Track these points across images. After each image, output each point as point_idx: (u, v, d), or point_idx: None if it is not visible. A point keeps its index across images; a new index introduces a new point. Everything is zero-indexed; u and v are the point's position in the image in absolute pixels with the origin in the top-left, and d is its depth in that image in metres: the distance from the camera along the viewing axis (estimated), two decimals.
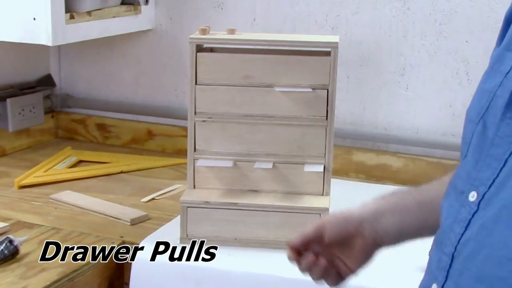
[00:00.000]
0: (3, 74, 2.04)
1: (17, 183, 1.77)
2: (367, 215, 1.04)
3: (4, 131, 2.02)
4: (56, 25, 1.70)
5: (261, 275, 1.37)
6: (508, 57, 0.81)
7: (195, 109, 1.47)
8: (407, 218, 1.03)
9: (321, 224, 1.05)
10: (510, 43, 0.83)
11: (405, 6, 1.81)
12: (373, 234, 1.04)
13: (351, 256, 1.05)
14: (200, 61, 1.45)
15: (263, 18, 1.95)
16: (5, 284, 1.27)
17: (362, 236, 1.04)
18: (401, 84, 1.85)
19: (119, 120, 2.17)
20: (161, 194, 1.75)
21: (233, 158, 1.48)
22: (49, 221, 1.57)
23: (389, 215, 1.03)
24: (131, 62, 2.14)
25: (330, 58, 1.43)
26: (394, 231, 1.03)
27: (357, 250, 1.04)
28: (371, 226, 1.03)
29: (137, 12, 2.00)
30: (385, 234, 1.04)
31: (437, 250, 0.84)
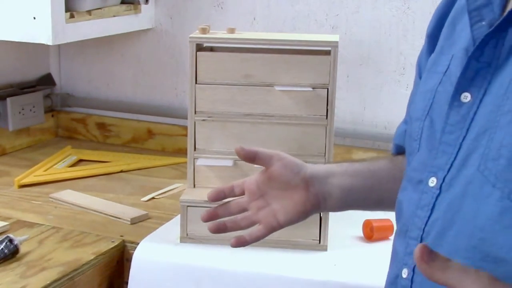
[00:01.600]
0: (3, 73, 2.04)
1: (17, 182, 1.77)
2: (319, 173, 1.08)
3: (4, 130, 2.02)
4: (56, 24, 1.70)
5: (261, 274, 1.37)
6: (443, 59, 0.90)
7: (195, 108, 1.47)
8: (356, 183, 1.08)
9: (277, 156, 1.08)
10: (442, 48, 0.93)
11: (405, 5, 1.81)
12: (318, 193, 1.07)
13: (285, 207, 1.07)
14: (200, 60, 1.45)
15: (263, 17, 1.95)
16: (5, 283, 1.27)
17: (306, 190, 1.07)
18: (401, 83, 1.85)
19: (119, 119, 2.17)
20: (161, 193, 1.75)
21: (233, 157, 1.46)
22: (49, 220, 1.57)
23: (339, 177, 1.07)
24: (131, 61, 2.14)
25: (330, 57, 1.43)
26: (340, 195, 1.07)
27: (295, 202, 1.07)
28: (319, 184, 1.07)
29: (137, 11, 2.01)
30: (330, 196, 1.07)
31: (402, 238, 0.88)
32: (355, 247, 1.46)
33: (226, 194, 1.11)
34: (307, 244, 1.44)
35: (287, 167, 1.08)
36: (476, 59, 0.81)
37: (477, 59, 0.81)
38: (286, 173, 1.08)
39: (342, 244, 1.47)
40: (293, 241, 1.44)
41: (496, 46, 0.79)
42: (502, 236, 0.74)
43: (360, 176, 1.09)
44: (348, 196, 1.08)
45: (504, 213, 0.74)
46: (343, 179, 1.08)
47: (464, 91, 0.81)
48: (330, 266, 1.38)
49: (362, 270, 1.36)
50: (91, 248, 1.43)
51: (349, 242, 1.48)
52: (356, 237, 1.50)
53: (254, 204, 1.09)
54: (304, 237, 1.44)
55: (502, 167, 0.75)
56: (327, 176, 1.08)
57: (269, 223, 1.08)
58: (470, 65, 0.81)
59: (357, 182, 1.08)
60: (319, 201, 1.07)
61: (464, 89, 0.82)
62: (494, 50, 0.79)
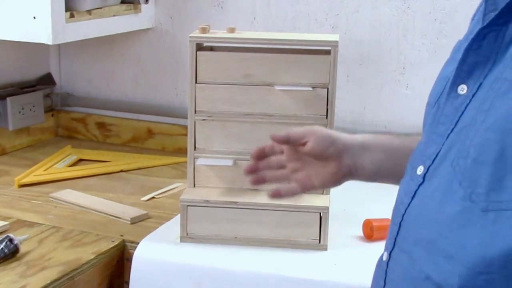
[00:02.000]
0: (3, 73, 2.04)
1: (17, 182, 1.77)
2: (353, 145, 1.11)
3: (4, 130, 2.02)
4: (56, 24, 1.71)
5: (261, 273, 1.37)
6: (462, 46, 0.88)
7: (195, 107, 1.47)
8: (388, 159, 1.11)
9: (309, 132, 1.13)
10: (466, 34, 0.92)
11: (405, 5, 1.81)
12: (350, 165, 1.11)
13: (319, 173, 1.13)
14: (200, 59, 1.45)
15: (263, 17, 1.95)
16: (5, 282, 1.27)
17: (339, 161, 1.11)
18: (401, 82, 1.86)
19: (119, 119, 2.18)
20: (161, 193, 1.75)
21: (233, 156, 1.48)
22: (49, 219, 1.57)
23: (372, 152, 1.11)
24: (131, 61, 2.14)
25: (330, 57, 1.43)
26: (371, 169, 1.11)
27: (329, 171, 1.12)
28: (352, 157, 1.11)
29: (137, 11, 2.01)
30: (362, 168, 1.11)
31: (391, 223, 0.90)
32: (355, 247, 1.46)
33: (266, 152, 1.17)
34: (307, 244, 1.44)
35: (319, 141, 1.12)
36: (474, 51, 0.80)
37: (475, 51, 0.80)
38: (319, 146, 1.12)
39: (342, 243, 1.47)
40: (293, 241, 1.44)
41: (496, 40, 0.78)
42: (456, 235, 0.75)
43: (394, 152, 1.11)
44: (379, 171, 1.11)
45: (463, 213, 0.74)
46: (376, 154, 1.11)
47: (462, 83, 0.81)
48: (330, 266, 1.38)
49: (362, 270, 1.35)
50: (91, 248, 1.43)
51: (349, 242, 1.48)
52: (356, 236, 1.50)
53: (291, 165, 1.15)
54: (304, 236, 1.44)
55: (468, 167, 0.75)
56: (360, 149, 1.11)
57: (304, 183, 1.14)
58: (468, 58, 0.81)
59: (389, 158, 1.11)
60: (351, 171, 1.12)
61: (461, 81, 0.81)
62: (493, 44, 0.78)
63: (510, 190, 0.70)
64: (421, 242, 0.80)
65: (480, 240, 0.72)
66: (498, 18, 0.78)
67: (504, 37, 0.78)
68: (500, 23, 0.78)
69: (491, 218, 0.71)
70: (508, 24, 0.78)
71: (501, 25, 0.78)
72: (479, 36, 0.79)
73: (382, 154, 1.11)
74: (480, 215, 0.72)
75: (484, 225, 0.72)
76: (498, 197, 0.71)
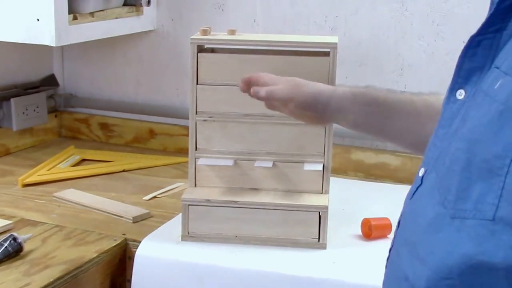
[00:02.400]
0: (7, 74, 2.05)
1: (21, 182, 1.78)
2: (331, 105, 1.20)
3: (8, 130, 2.02)
4: (60, 26, 1.71)
5: (261, 272, 1.37)
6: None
7: (196, 108, 1.47)
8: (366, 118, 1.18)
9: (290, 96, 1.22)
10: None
11: (403, 7, 1.82)
12: (329, 120, 1.28)
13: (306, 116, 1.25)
14: (201, 61, 1.46)
15: (263, 19, 1.96)
16: (9, 281, 1.28)
17: (319, 118, 1.24)
18: (399, 84, 1.86)
19: (121, 120, 2.18)
20: (163, 192, 1.76)
21: (234, 156, 1.49)
22: (53, 219, 1.58)
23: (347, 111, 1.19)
24: (133, 63, 2.15)
25: (329, 59, 1.43)
26: (348, 126, 1.22)
27: (314, 117, 1.24)
28: (330, 115, 1.21)
29: (139, 13, 2.01)
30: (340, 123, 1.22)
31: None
32: (354, 246, 1.47)
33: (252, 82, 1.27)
34: (306, 242, 1.44)
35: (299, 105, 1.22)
36: (469, 58, 0.80)
37: (470, 58, 0.79)
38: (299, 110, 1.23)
39: (341, 242, 1.47)
40: (292, 239, 1.44)
41: (491, 47, 0.77)
42: (429, 239, 0.75)
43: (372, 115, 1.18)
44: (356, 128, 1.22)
45: (436, 218, 0.75)
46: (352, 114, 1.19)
47: (460, 88, 0.81)
48: (329, 264, 1.38)
49: (361, 268, 1.37)
50: (94, 246, 1.43)
51: (348, 241, 1.49)
52: (355, 235, 1.50)
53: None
54: (304, 235, 1.44)
55: (444, 174, 0.76)
56: (336, 110, 1.20)
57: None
58: (464, 65, 0.80)
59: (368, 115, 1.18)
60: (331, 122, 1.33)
61: (459, 86, 0.81)
62: (489, 51, 0.77)
63: (473, 200, 0.71)
64: (406, 243, 0.81)
65: (445, 247, 0.73)
66: (490, 26, 0.77)
67: (499, 44, 0.77)
68: (492, 31, 0.77)
69: (456, 226, 0.72)
70: (502, 31, 0.77)
71: (495, 32, 0.77)
72: (472, 43, 0.79)
73: (357, 115, 1.18)
74: (449, 221, 0.73)
75: (451, 232, 0.73)
76: (463, 205, 0.72)
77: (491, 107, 0.72)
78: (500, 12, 0.77)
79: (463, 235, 0.71)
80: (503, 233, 0.68)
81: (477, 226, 0.70)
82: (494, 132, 0.70)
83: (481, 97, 0.74)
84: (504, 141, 0.69)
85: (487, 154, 0.70)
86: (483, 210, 0.70)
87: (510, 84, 0.71)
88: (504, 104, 0.70)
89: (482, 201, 0.70)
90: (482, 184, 0.71)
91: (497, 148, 0.69)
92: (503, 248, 0.68)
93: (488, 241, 0.69)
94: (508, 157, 0.68)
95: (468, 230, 0.71)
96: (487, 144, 0.71)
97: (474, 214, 0.71)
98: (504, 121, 0.69)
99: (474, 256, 0.70)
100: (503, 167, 0.69)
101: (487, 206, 0.70)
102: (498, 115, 0.70)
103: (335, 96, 1.20)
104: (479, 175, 0.71)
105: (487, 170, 0.70)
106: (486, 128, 0.71)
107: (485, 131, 0.71)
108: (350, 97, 1.19)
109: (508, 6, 0.76)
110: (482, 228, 0.70)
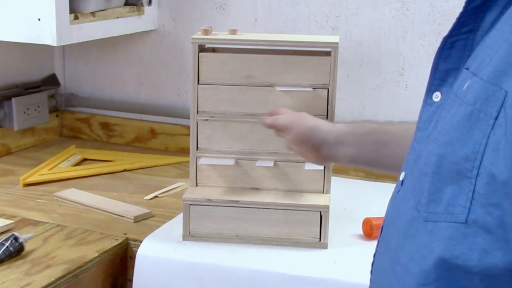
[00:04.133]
0: (8, 74, 2.05)
1: (22, 181, 1.78)
2: (329, 138, 1.23)
3: (10, 130, 2.03)
4: (61, 26, 1.71)
5: (262, 271, 1.37)
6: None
7: (198, 108, 1.48)
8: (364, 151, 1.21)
9: (290, 126, 1.30)
10: None
11: (404, 7, 1.82)
12: (327, 156, 1.25)
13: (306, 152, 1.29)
14: (202, 61, 1.46)
15: (264, 18, 1.96)
16: (11, 280, 1.28)
17: (317, 152, 1.25)
18: (400, 83, 1.86)
19: (122, 119, 2.18)
20: (164, 192, 1.76)
21: (235, 156, 1.49)
22: (54, 218, 1.58)
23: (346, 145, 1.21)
24: (134, 62, 2.15)
25: (330, 58, 1.43)
26: (346, 161, 1.23)
27: (313, 152, 1.26)
28: (328, 149, 1.23)
29: (140, 13, 2.01)
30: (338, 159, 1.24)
31: None
32: (355, 245, 1.47)
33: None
34: (307, 242, 1.44)
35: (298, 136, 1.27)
36: (443, 60, 0.79)
37: (444, 60, 0.79)
38: (298, 141, 1.28)
39: (342, 242, 1.47)
40: (294, 239, 1.45)
41: (465, 48, 0.77)
42: (407, 244, 0.74)
43: (375, 143, 1.20)
44: (355, 162, 1.23)
45: (411, 223, 0.74)
46: (350, 148, 1.21)
47: (436, 90, 0.79)
48: (331, 264, 1.39)
49: (362, 268, 1.35)
50: (95, 246, 1.43)
51: (349, 240, 1.49)
52: (356, 235, 1.51)
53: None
54: (305, 235, 1.44)
55: (416, 177, 0.75)
56: (335, 143, 1.22)
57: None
58: (439, 66, 0.79)
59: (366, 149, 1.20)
60: (330, 159, 1.28)
61: (435, 88, 0.80)
62: (463, 52, 0.77)
63: (444, 203, 0.70)
64: (387, 252, 0.80)
65: (421, 251, 0.72)
66: (462, 26, 0.76)
67: (472, 45, 0.76)
68: (465, 31, 0.76)
69: (429, 229, 0.71)
70: (475, 32, 0.76)
71: (468, 32, 0.76)
72: (446, 44, 0.78)
73: (356, 147, 1.20)
74: (423, 225, 0.72)
75: (424, 236, 0.72)
76: (435, 208, 0.71)
77: (459, 109, 0.71)
78: (470, 12, 0.76)
79: (435, 239, 0.70)
80: (477, 236, 0.67)
81: (449, 229, 0.69)
82: (463, 134, 0.69)
83: (451, 98, 0.74)
84: (473, 143, 0.68)
85: (456, 157, 0.69)
86: (455, 213, 0.69)
87: (477, 85, 0.69)
88: (473, 105, 0.69)
89: (453, 204, 0.69)
90: (452, 186, 0.69)
91: (466, 150, 0.68)
92: (477, 251, 0.67)
93: (461, 245, 0.68)
94: (477, 159, 0.67)
95: (440, 233, 0.70)
96: (456, 146, 0.70)
97: (445, 217, 0.70)
98: (473, 123, 0.68)
99: (449, 260, 0.69)
100: (472, 169, 0.67)
101: (459, 209, 0.69)
102: (467, 117, 0.69)
103: (333, 130, 1.24)
104: (450, 177, 0.70)
105: (456, 172, 0.69)
106: (455, 130, 0.70)
107: (454, 133, 0.70)
108: (349, 130, 1.22)
109: (477, 6, 0.75)
110: (455, 231, 0.69)
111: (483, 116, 0.68)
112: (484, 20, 0.76)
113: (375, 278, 0.85)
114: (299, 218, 1.44)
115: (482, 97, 0.68)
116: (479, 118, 0.68)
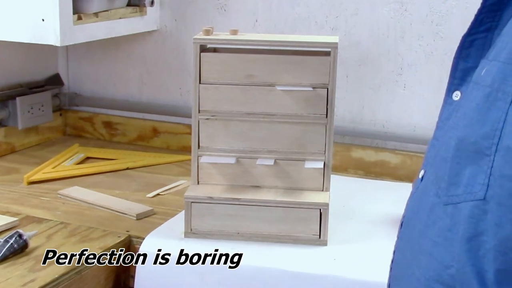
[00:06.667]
0: (13, 74, 2.06)
1: (26, 179, 1.79)
2: None
3: (14, 129, 2.03)
4: (64, 26, 1.72)
5: (262, 268, 1.38)
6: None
7: (199, 107, 1.48)
8: None
9: None
10: None
11: (403, 8, 1.82)
12: None
13: None
14: (203, 60, 1.46)
15: (265, 19, 1.97)
16: (15, 277, 1.28)
17: None
18: (399, 83, 1.87)
19: (125, 118, 2.19)
20: (166, 190, 1.76)
21: (236, 154, 1.49)
22: (57, 216, 1.58)
23: None
24: (137, 62, 2.16)
25: (330, 58, 1.43)
26: None
27: None
28: None
29: (143, 13, 2.02)
30: None
31: None
32: (354, 242, 1.47)
33: None
34: (307, 239, 1.44)
35: None
36: (463, 59, 0.80)
37: (464, 59, 0.80)
38: None
39: (342, 239, 1.47)
40: (293, 236, 1.45)
41: (484, 46, 0.78)
42: (429, 232, 0.75)
43: None
44: None
45: (432, 210, 0.75)
46: None
47: (456, 89, 0.81)
48: (330, 261, 1.39)
49: (361, 265, 1.37)
50: (98, 243, 1.44)
51: (348, 237, 1.49)
52: (355, 232, 1.51)
53: None
54: (305, 232, 1.44)
55: (436, 167, 0.76)
56: None
57: None
58: (458, 65, 0.81)
59: None
60: None
61: (455, 88, 0.81)
62: (482, 50, 0.78)
63: (464, 184, 0.71)
64: (410, 241, 0.80)
65: (444, 234, 0.72)
66: (480, 25, 0.78)
67: (491, 44, 0.76)
68: (484, 30, 0.78)
69: (449, 212, 0.72)
70: (493, 31, 0.77)
71: (486, 31, 0.77)
72: (465, 44, 0.79)
73: None
74: (443, 209, 0.73)
75: (446, 220, 0.73)
76: (455, 191, 0.72)
77: (478, 92, 0.72)
78: (487, 9, 0.77)
79: (457, 220, 0.71)
80: (494, 212, 0.67)
81: (469, 207, 0.70)
82: (482, 114, 0.70)
83: (471, 87, 0.74)
84: (491, 121, 0.68)
85: (475, 136, 0.70)
86: (473, 192, 0.69)
87: (494, 68, 0.70)
88: (491, 87, 0.70)
89: (472, 184, 0.70)
90: (471, 167, 0.70)
91: (485, 128, 0.69)
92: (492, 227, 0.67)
93: (483, 221, 0.68)
94: (496, 136, 0.68)
95: (461, 213, 0.70)
96: (475, 126, 0.70)
97: (465, 197, 0.70)
98: (491, 103, 0.69)
99: (472, 238, 0.69)
100: (491, 146, 0.68)
101: (477, 187, 0.69)
102: (485, 98, 0.70)
103: None
104: (469, 158, 0.70)
105: (475, 152, 0.69)
106: (474, 112, 0.71)
107: (473, 115, 0.71)
108: None
109: (494, 3, 0.76)
110: (475, 209, 0.69)
111: (501, 95, 0.68)
112: (502, 18, 0.76)
113: (396, 273, 0.85)
114: (299, 216, 1.44)
115: (500, 77, 0.69)
116: (497, 98, 0.69)
